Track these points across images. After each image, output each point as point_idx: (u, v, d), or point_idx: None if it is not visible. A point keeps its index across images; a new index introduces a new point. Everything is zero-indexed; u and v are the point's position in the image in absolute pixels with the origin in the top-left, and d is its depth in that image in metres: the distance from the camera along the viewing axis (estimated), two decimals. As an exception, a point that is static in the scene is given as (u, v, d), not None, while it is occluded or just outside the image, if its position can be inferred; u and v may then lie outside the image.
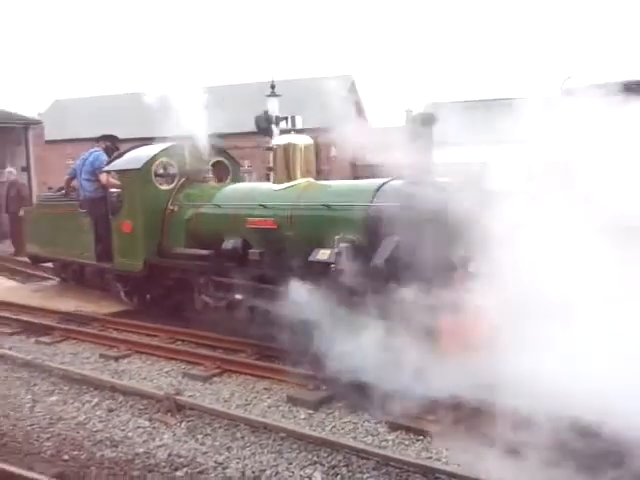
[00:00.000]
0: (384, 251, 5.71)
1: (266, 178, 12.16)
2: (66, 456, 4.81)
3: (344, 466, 4.48)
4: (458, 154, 5.74)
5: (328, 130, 6.12)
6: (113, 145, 10.25)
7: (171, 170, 8.93)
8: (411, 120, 6.10)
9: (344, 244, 6.00)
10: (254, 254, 7.05)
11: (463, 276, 5.29)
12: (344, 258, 5.91)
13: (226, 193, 8.15)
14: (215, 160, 9.10)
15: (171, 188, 8.67)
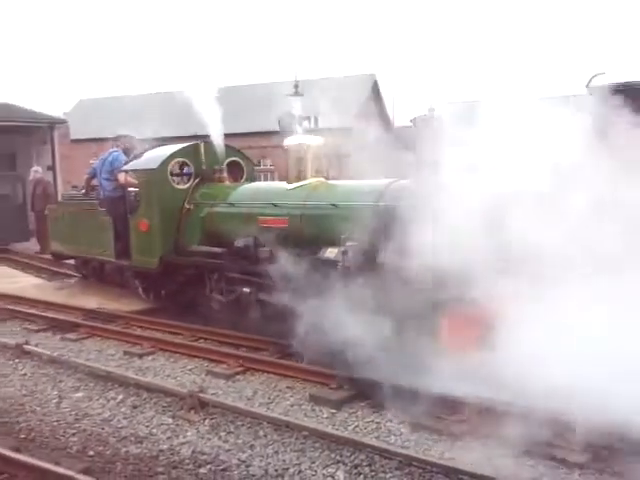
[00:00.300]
0: (388, 250, 5.82)
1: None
2: (92, 452, 4.87)
3: (367, 465, 4.48)
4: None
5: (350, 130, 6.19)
6: (129, 144, 10.41)
7: (187, 170, 9.18)
8: (415, 123, 6.21)
9: (350, 243, 6.14)
10: (265, 252, 7.17)
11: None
12: (350, 256, 6.06)
13: (240, 192, 8.35)
14: (230, 160, 9.28)
15: (187, 187, 8.88)
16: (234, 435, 5.07)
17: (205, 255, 8.21)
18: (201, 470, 4.54)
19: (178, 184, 9.01)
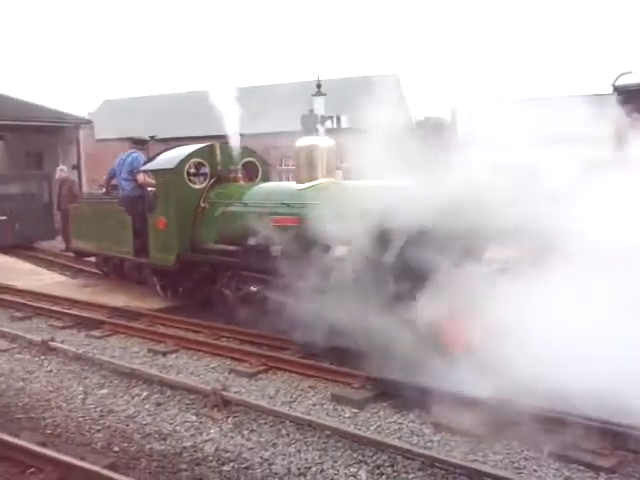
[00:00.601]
0: (394, 249, 6.01)
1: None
2: (116, 448, 4.92)
3: (389, 466, 4.47)
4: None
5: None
6: (140, 147, 10.72)
7: (203, 170, 9.36)
8: (422, 125, 6.40)
9: (357, 242, 6.30)
10: (276, 250, 7.33)
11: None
12: (357, 255, 6.27)
13: (253, 192, 8.55)
14: (246, 160, 9.52)
15: (203, 187, 9.12)
16: (257, 433, 5.09)
17: (219, 253, 8.43)
18: (224, 468, 4.56)
19: (194, 184, 9.20)
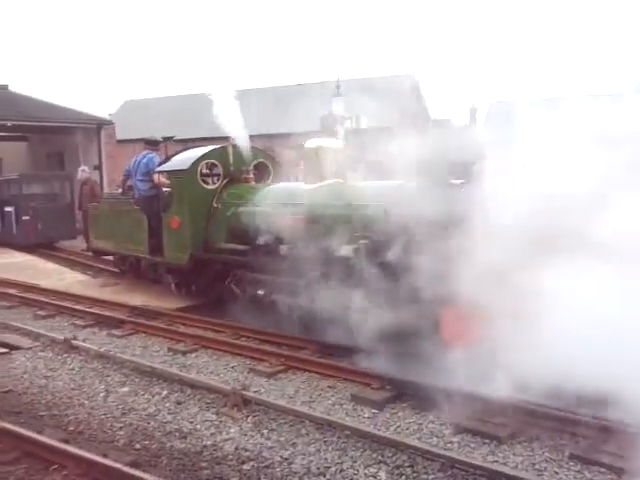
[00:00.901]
0: (396, 248, 6.12)
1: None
2: (138, 445, 4.97)
3: (409, 466, 4.47)
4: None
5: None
6: (154, 147, 10.91)
7: (216, 170, 9.59)
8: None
9: (362, 241, 6.52)
10: (284, 249, 7.52)
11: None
12: (362, 254, 6.46)
13: (264, 193, 8.76)
14: (258, 161, 9.74)
15: (215, 187, 9.37)
16: (276, 433, 5.11)
17: (230, 252, 8.67)
18: (244, 467, 4.59)
19: (207, 184, 9.43)
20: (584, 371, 4.35)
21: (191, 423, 5.37)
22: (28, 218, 16.79)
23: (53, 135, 21.19)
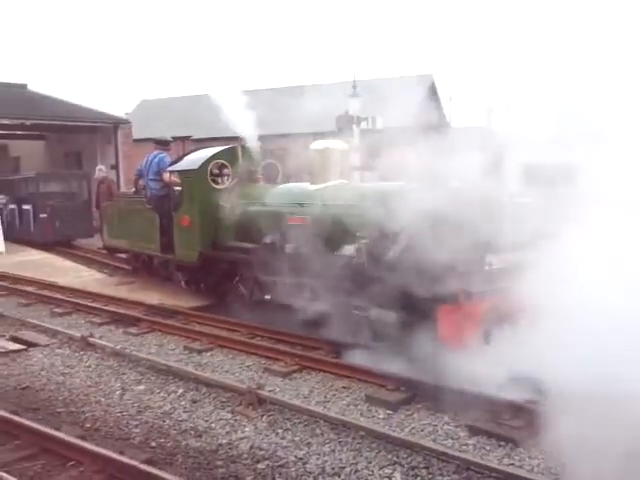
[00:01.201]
0: (397, 247, 6.23)
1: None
2: (153, 443, 5.00)
3: (424, 468, 4.46)
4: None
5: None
6: (164, 147, 11.07)
7: (225, 171, 9.74)
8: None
9: (364, 241, 6.65)
10: (289, 248, 7.67)
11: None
12: (363, 253, 6.60)
13: (271, 193, 8.89)
14: (267, 162, 9.87)
15: (225, 187, 9.51)
16: (291, 432, 5.12)
17: (238, 251, 8.84)
18: (259, 465, 4.60)
19: (217, 184, 9.60)
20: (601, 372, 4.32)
21: (206, 421, 5.40)
22: (46, 216, 16.96)
23: (71, 134, 21.35)
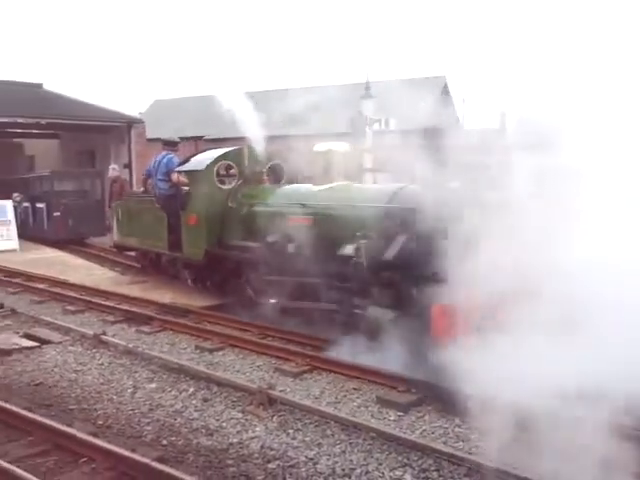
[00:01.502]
0: (394, 247, 6.38)
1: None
2: (165, 441, 5.03)
3: (435, 470, 4.45)
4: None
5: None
6: (172, 148, 11.16)
7: (231, 172, 9.95)
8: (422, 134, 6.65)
9: (363, 240, 6.82)
10: (292, 247, 7.85)
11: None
12: (362, 252, 6.76)
13: (276, 193, 9.09)
14: (272, 163, 10.07)
15: (231, 187, 9.73)
16: (302, 433, 5.13)
17: (242, 249, 9.00)
18: (269, 465, 4.61)
19: (224, 184, 9.80)
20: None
21: (217, 420, 5.42)
22: (59, 214, 17.09)
23: (85, 133, 21.45)
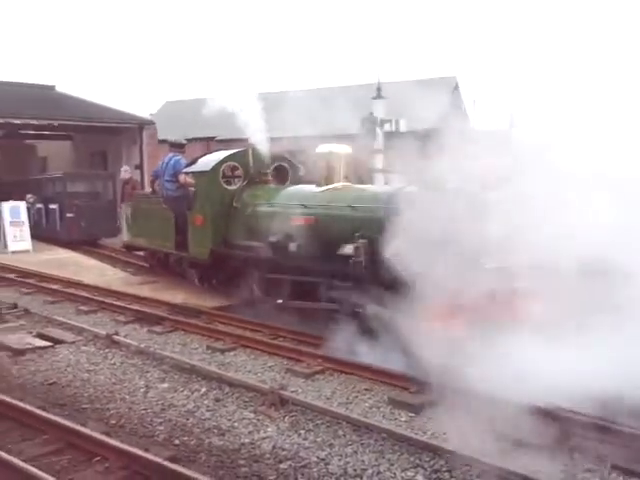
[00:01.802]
0: (393, 247, 6.35)
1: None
2: (177, 441, 5.04)
3: (446, 471, 4.45)
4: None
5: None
6: (179, 150, 11.32)
7: (237, 173, 10.15)
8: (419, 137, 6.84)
9: (362, 240, 7.01)
10: (293, 246, 8.04)
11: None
12: (361, 252, 6.97)
13: (280, 194, 9.25)
14: (277, 164, 10.24)
15: (236, 188, 9.92)
16: (313, 433, 5.14)
17: (246, 249, 9.19)
18: (281, 465, 4.62)
19: (229, 185, 9.99)
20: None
21: (229, 421, 5.43)
22: (72, 215, 17.21)
23: (97, 134, 21.59)
